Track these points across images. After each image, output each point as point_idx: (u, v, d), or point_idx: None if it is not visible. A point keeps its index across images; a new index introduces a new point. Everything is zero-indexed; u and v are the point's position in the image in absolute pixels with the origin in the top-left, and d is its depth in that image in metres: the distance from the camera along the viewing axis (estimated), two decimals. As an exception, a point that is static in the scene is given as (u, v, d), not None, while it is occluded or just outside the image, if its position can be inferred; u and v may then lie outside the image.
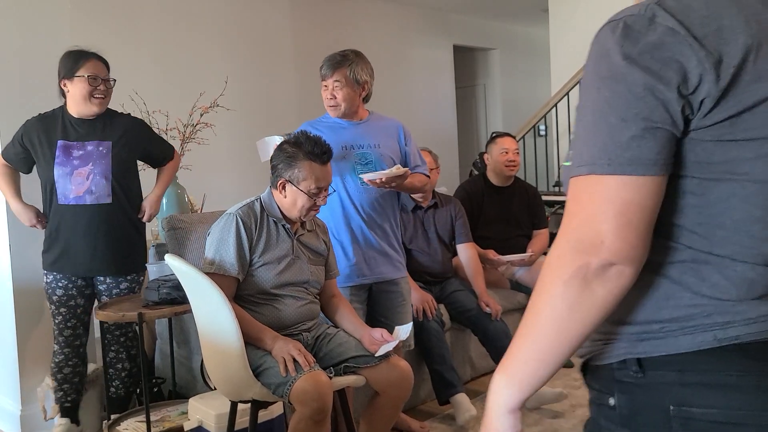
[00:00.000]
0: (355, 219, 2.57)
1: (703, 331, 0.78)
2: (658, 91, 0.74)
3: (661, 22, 0.76)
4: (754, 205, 0.77)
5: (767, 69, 0.75)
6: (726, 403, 0.77)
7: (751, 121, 0.75)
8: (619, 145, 0.75)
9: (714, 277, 0.79)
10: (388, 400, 2.24)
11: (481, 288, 3.28)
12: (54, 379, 2.76)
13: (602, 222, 0.75)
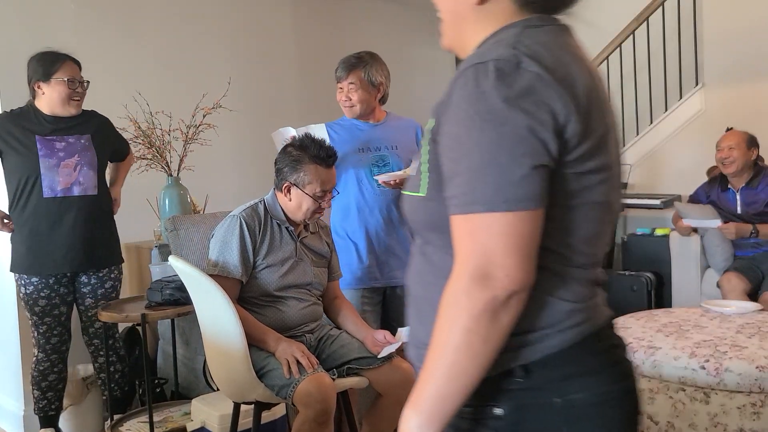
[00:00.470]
0: (370, 221, 2.56)
1: (570, 329, 0.89)
2: (538, 131, 0.81)
3: (526, 68, 0.82)
4: (595, 223, 0.91)
5: (598, 113, 0.87)
6: (590, 386, 0.89)
7: (595, 156, 0.86)
8: (512, 184, 0.81)
9: (573, 285, 0.91)
10: (390, 402, 2.24)
11: None
12: (37, 388, 2.71)
13: (505, 256, 0.81)
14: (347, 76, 2.55)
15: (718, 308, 2.76)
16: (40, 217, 2.60)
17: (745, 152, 3.55)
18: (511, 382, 0.88)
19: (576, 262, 0.91)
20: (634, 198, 4.65)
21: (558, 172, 0.85)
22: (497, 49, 0.85)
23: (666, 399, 2.25)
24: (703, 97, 4.69)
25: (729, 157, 3.56)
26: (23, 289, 2.66)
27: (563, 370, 0.89)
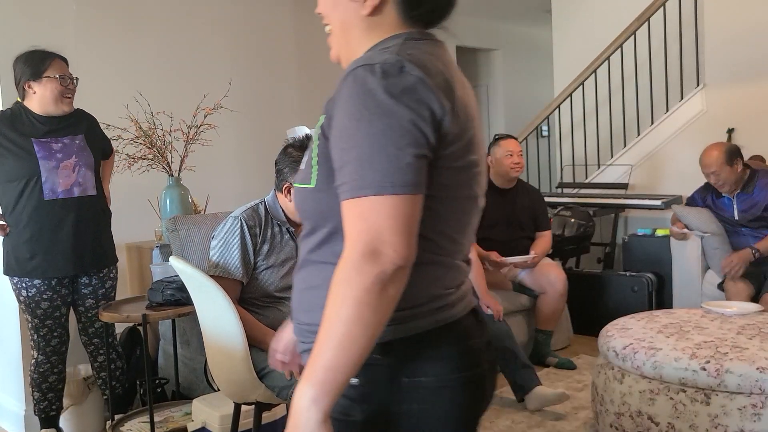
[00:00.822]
0: None
1: (431, 314, 0.98)
2: (420, 125, 0.91)
3: (409, 71, 0.92)
4: (464, 215, 1.02)
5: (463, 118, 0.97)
6: (440, 370, 0.97)
7: (456, 154, 0.96)
8: (398, 170, 0.89)
9: (440, 272, 1.00)
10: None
11: (482, 288, 3.28)
12: (37, 389, 2.71)
13: (393, 234, 0.89)
14: None
15: (719, 309, 2.76)
16: (41, 219, 2.58)
17: (729, 171, 3.49)
18: (369, 357, 0.91)
19: (446, 250, 1.00)
20: (635, 198, 4.65)
21: (435, 166, 0.94)
22: (383, 55, 0.94)
23: (666, 400, 2.25)
24: (704, 98, 4.68)
25: (717, 181, 3.54)
26: (24, 293, 2.63)
27: (417, 352, 0.97)
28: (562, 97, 5.31)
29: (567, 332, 4.12)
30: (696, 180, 4.15)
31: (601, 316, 4.07)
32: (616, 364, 2.46)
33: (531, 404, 3.01)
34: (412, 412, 0.97)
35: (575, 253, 4.56)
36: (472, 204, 1.03)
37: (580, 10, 5.73)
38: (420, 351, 0.97)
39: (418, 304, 0.97)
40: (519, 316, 3.76)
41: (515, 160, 3.67)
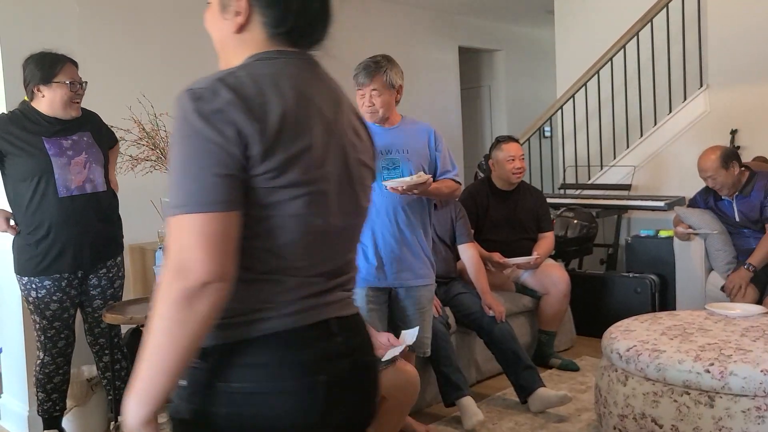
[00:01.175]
0: (376, 223, 2.57)
1: (248, 325, 1.02)
2: (226, 146, 0.96)
3: (221, 95, 0.98)
4: (296, 234, 1.04)
5: (290, 136, 1.01)
6: (255, 377, 1.01)
7: (284, 171, 1.00)
8: (203, 189, 0.95)
9: (264, 286, 1.03)
10: (394, 405, 2.24)
11: (483, 288, 3.27)
12: (42, 390, 2.71)
13: (197, 251, 0.93)
14: (370, 83, 2.55)
15: (722, 311, 2.75)
16: (55, 216, 2.58)
17: (724, 174, 3.50)
18: (193, 362, 1.00)
19: (272, 266, 1.03)
20: (638, 200, 4.65)
21: (250, 185, 0.99)
22: (207, 78, 1.01)
23: (670, 402, 2.24)
24: (708, 99, 4.68)
25: (714, 185, 3.55)
26: (33, 293, 2.62)
27: (233, 359, 1.02)
28: (564, 98, 5.30)
29: (570, 333, 4.11)
30: (699, 181, 4.14)
31: (604, 317, 4.06)
32: (620, 366, 2.46)
33: (534, 406, 3.01)
34: (229, 415, 1.01)
35: (578, 255, 4.55)
36: (306, 225, 1.04)
37: (583, 11, 5.73)
38: (236, 358, 1.02)
39: (237, 314, 1.01)
40: (522, 318, 3.76)
41: (517, 165, 3.66)
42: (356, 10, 6.22)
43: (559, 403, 2.99)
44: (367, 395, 1.16)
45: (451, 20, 7.05)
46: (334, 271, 1.11)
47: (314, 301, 1.07)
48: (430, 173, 2.60)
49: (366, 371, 1.15)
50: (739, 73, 4.53)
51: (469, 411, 2.88)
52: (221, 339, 1.02)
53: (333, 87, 1.15)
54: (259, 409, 1.01)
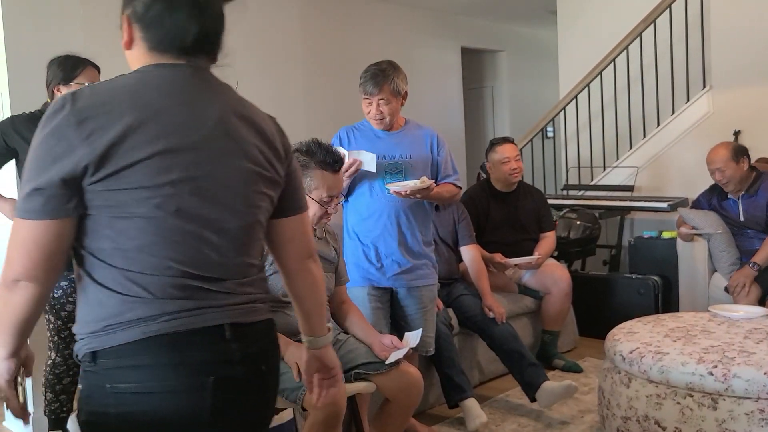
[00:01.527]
0: (378, 226, 2.60)
1: (132, 328, 1.08)
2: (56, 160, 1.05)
3: (64, 111, 1.07)
4: (146, 233, 1.09)
5: (141, 141, 1.07)
6: (140, 378, 1.08)
7: (130, 177, 1.06)
8: (26, 198, 1.07)
9: (135, 288, 1.09)
10: (397, 407, 2.25)
11: (484, 290, 3.28)
12: (50, 390, 2.71)
13: (14, 251, 1.08)
14: (379, 92, 2.56)
15: (725, 313, 2.75)
16: None
17: (734, 168, 3.50)
18: (86, 365, 1.11)
19: (136, 266, 1.09)
20: (640, 201, 4.65)
21: (92, 189, 1.07)
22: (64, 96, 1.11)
23: (673, 405, 2.24)
24: (711, 100, 4.68)
25: (722, 179, 3.54)
26: (53, 291, 2.63)
27: (119, 362, 1.09)
28: (567, 98, 5.30)
29: (573, 335, 4.12)
30: (702, 182, 4.14)
31: (607, 318, 4.06)
32: (623, 368, 2.46)
33: (542, 402, 2.98)
34: (120, 415, 1.09)
35: (581, 256, 4.55)
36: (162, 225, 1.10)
37: (586, 12, 5.72)
38: (122, 360, 1.09)
39: (120, 317, 1.09)
40: (524, 319, 3.76)
41: (512, 166, 3.67)
42: (359, 11, 6.22)
43: (566, 394, 2.95)
44: (262, 401, 1.21)
45: (453, 21, 7.05)
46: (223, 275, 1.15)
47: (198, 304, 1.12)
48: (432, 177, 2.61)
49: (262, 378, 1.19)
50: (743, 74, 4.53)
51: (472, 413, 2.89)
52: (108, 343, 1.09)
53: (222, 95, 1.19)
54: (146, 408, 1.08)
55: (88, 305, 1.13)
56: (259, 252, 1.26)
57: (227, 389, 1.12)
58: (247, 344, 1.16)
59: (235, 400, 1.14)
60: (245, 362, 1.15)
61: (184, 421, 1.10)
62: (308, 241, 1.35)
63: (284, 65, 5.68)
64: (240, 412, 1.15)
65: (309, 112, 5.71)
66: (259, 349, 1.20)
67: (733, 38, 4.53)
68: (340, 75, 5.89)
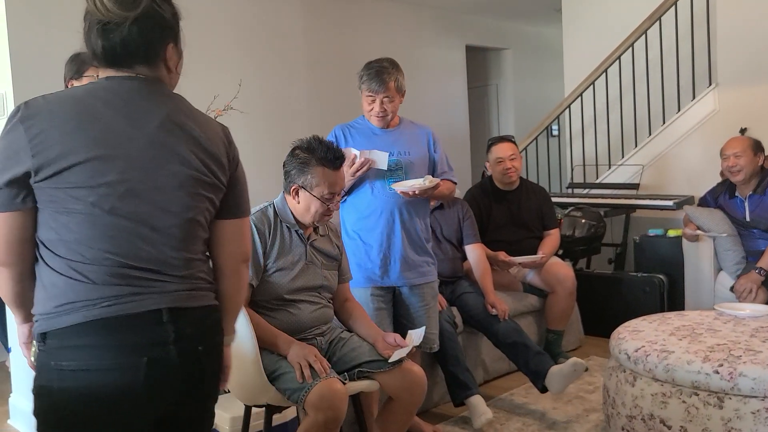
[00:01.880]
0: (380, 224, 2.59)
1: (75, 312, 1.22)
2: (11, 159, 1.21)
3: (17, 118, 1.23)
4: (84, 228, 1.23)
5: (80, 146, 1.22)
6: (80, 357, 1.21)
7: (70, 178, 1.21)
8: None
9: (77, 275, 1.22)
10: (401, 405, 2.24)
11: (488, 288, 3.27)
12: None
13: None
14: (384, 90, 2.56)
15: (731, 311, 2.74)
16: None
17: (751, 159, 3.49)
18: (39, 345, 1.25)
19: (81, 256, 1.23)
20: (646, 199, 4.62)
21: (39, 188, 1.22)
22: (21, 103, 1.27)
23: (679, 403, 2.23)
24: (717, 97, 4.65)
25: (736, 165, 3.50)
26: None
27: (61, 342, 1.22)
28: (572, 96, 5.28)
29: (578, 333, 4.10)
30: (708, 180, 4.12)
31: (612, 317, 4.04)
32: (628, 366, 2.45)
33: (554, 387, 2.93)
34: (62, 389, 1.22)
35: (586, 254, 4.54)
36: (101, 221, 1.24)
37: (591, 9, 5.70)
38: (66, 341, 1.22)
39: (68, 302, 1.22)
40: (529, 317, 3.75)
41: (506, 166, 3.66)
42: (363, 10, 6.21)
43: (575, 374, 2.89)
44: (197, 378, 1.31)
45: (458, 19, 7.04)
46: (160, 266, 1.28)
47: (136, 290, 1.25)
48: (429, 174, 2.62)
49: (197, 358, 1.30)
50: (749, 71, 4.50)
51: (478, 409, 2.88)
52: (54, 325, 1.23)
53: (164, 105, 1.31)
54: (84, 384, 1.21)
55: (43, 288, 1.27)
56: (201, 247, 1.37)
57: (160, 368, 1.24)
58: (183, 326, 1.28)
59: (168, 377, 1.26)
60: (179, 343, 1.26)
61: (119, 395, 1.22)
62: (245, 246, 1.47)
63: (288, 64, 5.68)
64: (173, 389, 1.27)
65: (312, 110, 5.71)
66: (197, 330, 1.31)
67: (739, 35, 4.51)
68: (343, 73, 5.88)
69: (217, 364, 1.39)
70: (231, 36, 5.25)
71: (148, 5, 1.29)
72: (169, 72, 1.36)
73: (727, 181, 3.71)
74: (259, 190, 4.18)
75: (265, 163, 4.51)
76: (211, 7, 5.10)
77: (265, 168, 4.60)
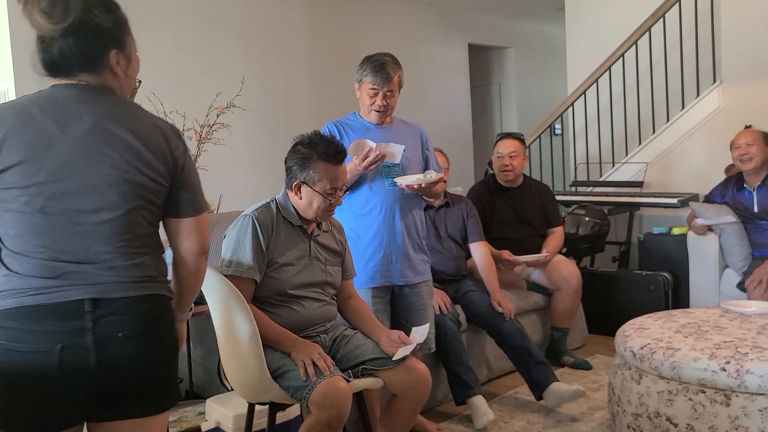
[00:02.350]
0: (378, 221, 2.57)
1: (12, 297, 1.35)
2: None
3: None
4: (20, 224, 1.37)
5: (15, 149, 1.33)
6: (10, 338, 1.34)
7: (7, 178, 1.34)
8: None
9: (16, 264, 1.37)
10: (405, 403, 2.22)
11: (493, 286, 3.26)
12: None
13: None
14: (388, 84, 2.55)
15: (738, 309, 2.72)
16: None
17: (763, 148, 3.52)
18: None
19: (19, 249, 1.36)
20: (650, 197, 4.61)
21: None
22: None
23: (686, 401, 2.21)
24: (721, 95, 4.63)
25: (747, 153, 3.52)
26: None
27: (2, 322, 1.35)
28: (576, 94, 5.27)
29: (582, 332, 4.08)
30: (712, 178, 4.10)
31: (616, 315, 4.02)
32: (634, 364, 2.43)
33: (549, 401, 2.98)
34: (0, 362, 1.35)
35: (590, 252, 4.52)
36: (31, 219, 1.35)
37: (594, 7, 5.69)
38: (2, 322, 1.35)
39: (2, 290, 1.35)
40: (533, 315, 3.73)
41: (504, 162, 3.66)
42: (365, 8, 6.20)
43: (573, 398, 2.95)
44: (115, 364, 1.38)
45: (461, 17, 7.03)
46: (91, 259, 1.38)
47: (62, 282, 1.35)
48: (421, 171, 2.62)
49: (119, 345, 1.38)
50: (753, 68, 4.48)
51: (480, 410, 2.86)
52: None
53: (99, 111, 1.39)
54: (10, 361, 1.34)
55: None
56: (141, 242, 1.44)
57: (74, 354, 1.34)
58: (106, 315, 1.37)
59: (81, 363, 1.35)
60: (97, 330, 1.36)
61: (37, 377, 1.34)
62: (204, 240, 1.55)
63: (290, 62, 5.67)
64: (90, 374, 1.36)
65: (315, 108, 5.70)
66: (121, 318, 1.39)
67: (743, 32, 4.49)
68: (346, 72, 5.86)
69: (155, 344, 1.45)
70: (234, 33, 5.25)
71: (81, 16, 1.37)
72: (117, 77, 1.45)
73: (734, 176, 3.70)
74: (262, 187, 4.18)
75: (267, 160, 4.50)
76: (213, 5, 5.09)
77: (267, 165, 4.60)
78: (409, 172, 2.59)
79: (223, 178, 4.04)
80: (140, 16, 4.72)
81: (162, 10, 4.85)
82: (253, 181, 5.02)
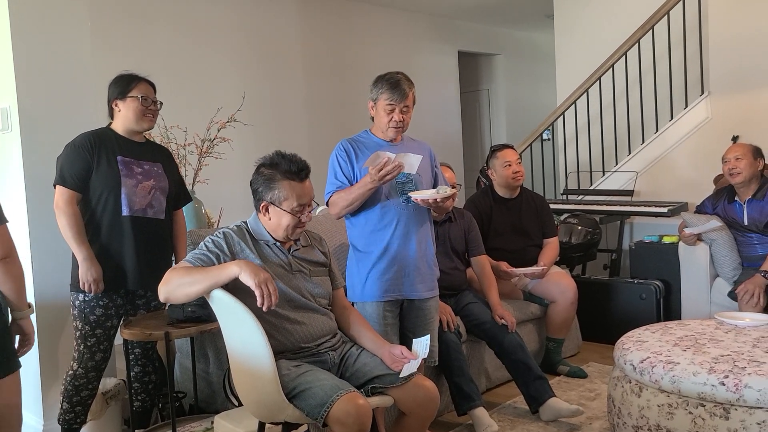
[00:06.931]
0: (393, 236, 2.61)
1: None
2: None
3: None
4: None
5: None
6: None
7: None
8: None
9: None
10: (414, 421, 2.25)
11: (494, 300, 3.31)
12: (67, 401, 2.74)
13: None
14: (405, 99, 2.60)
15: (732, 321, 2.79)
16: (114, 233, 2.68)
17: (751, 162, 3.60)
18: None
19: None
20: (640, 206, 4.69)
21: None
22: None
23: (685, 415, 2.28)
24: (709, 106, 4.73)
25: (736, 167, 3.60)
26: (81, 296, 2.69)
27: None
28: (566, 103, 5.34)
29: (576, 340, 4.15)
30: (701, 187, 4.19)
31: (609, 323, 4.11)
32: (634, 377, 2.49)
33: (545, 415, 3.04)
34: None
35: (582, 261, 4.59)
36: None
37: (583, 17, 5.77)
38: None
39: None
40: (530, 325, 3.79)
41: (515, 169, 3.71)
42: (357, 17, 6.23)
43: (570, 416, 3.02)
44: None
45: (450, 25, 7.08)
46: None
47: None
48: (432, 187, 2.66)
49: None
50: (740, 79, 4.58)
51: (483, 422, 2.91)
52: None
53: None
54: None
55: None
56: None
57: None
58: None
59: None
60: None
61: None
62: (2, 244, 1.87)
63: (284, 71, 5.69)
64: None
65: (309, 117, 5.72)
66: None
67: (731, 44, 4.58)
68: (339, 80, 5.90)
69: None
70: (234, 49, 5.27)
71: None
72: None
73: (726, 188, 3.79)
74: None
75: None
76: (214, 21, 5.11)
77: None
78: (420, 188, 2.64)
79: (223, 191, 4.06)
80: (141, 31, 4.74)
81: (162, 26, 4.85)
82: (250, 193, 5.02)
